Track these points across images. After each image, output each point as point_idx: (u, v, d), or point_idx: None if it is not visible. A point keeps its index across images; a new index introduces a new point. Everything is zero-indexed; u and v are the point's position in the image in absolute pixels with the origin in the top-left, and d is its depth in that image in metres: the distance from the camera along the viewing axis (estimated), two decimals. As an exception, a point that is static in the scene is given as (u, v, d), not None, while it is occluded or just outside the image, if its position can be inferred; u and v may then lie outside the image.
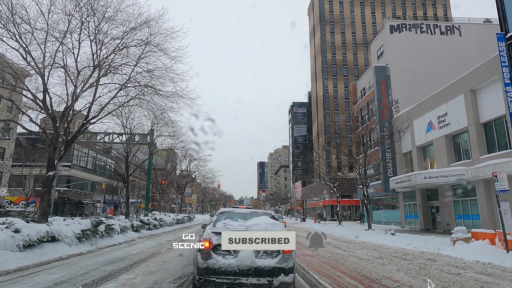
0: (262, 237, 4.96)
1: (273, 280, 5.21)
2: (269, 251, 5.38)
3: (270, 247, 4.96)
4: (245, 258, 5.18)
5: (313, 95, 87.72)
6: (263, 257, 5.37)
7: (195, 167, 42.33)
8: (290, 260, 5.44)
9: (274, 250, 5.37)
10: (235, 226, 5.81)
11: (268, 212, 7.36)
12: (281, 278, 5.23)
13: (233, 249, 5.22)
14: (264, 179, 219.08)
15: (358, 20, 79.33)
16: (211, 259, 5.28)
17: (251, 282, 5.17)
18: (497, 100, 20.29)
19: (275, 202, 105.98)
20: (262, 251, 5.37)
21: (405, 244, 16.00)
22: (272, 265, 5.27)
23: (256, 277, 5.18)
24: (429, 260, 11.00)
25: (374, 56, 41.06)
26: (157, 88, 14.53)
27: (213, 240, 5.40)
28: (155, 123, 22.03)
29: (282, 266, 5.29)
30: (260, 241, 4.93)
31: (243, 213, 7.02)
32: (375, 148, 31.68)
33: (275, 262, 5.32)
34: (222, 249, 5.18)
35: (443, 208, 25.32)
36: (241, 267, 5.17)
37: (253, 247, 4.93)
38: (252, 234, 4.96)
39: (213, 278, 5.21)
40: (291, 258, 5.49)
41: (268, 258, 5.37)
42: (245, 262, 5.18)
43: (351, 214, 56.14)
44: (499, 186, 12.56)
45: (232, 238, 4.88)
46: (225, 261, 5.25)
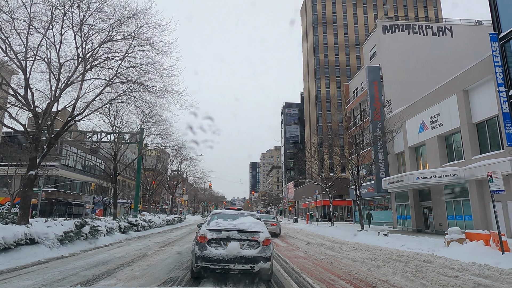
0: (246, 233, 6.92)
1: (254, 266, 6.63)
2: (251, 243, 6.84)
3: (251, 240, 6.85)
4: (233, 249, 6.58)
5: (306, 95, 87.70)
6: (247, 248, 6.78)
7: (186, 167, 41.78)
8: (268, 251, 6.87)
9: (255, 243, 6.86)
10: (225, 224, 7.20)
11: (252, 213, 8.74)
12: (260, 265, 6.65)
13: (223, 241, 6.77)
14: (257, 179, 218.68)
15: (351, 21, 79.56)
16: (206, 250, 6.66)
17: (237, 268, 6.62)
18: (490, 101, 20.24)
19: (267, 202, 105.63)
20: (246, 244, 6.81)
21: (399, 245, 15.79)
22: (253, 255, 6.67)
23: (241, 264, 6.58)
24: (425, 262, 10.73)
25: (367, 57, 41.02)
26: (145, 84, 14.02)
27: (208, 235, 6.83)
28: (144, 121, 21.48)
29: (262, 255, 6.72)
30: (244, 236, 6.86)
31: (232, 214, 8.30)
32: (367, 148, 31.56)
33: (256, 252, 6.73)
34: (213, 242, 6.77)
35: (435, 208, 25.25)
36: (229, 256, 6.53)
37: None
38: (239, 231, 6.92)
39: (207, 264, 6.58)
40: (269, 249, 6.93)
41: (251, 249, 6.77)
42: (233, 252, 6.54)
43: (343, 215, 56.07)
44: (494, 186, 12.37)
45: (221, 234, 6.86)
46: (217, 251, 6.63)
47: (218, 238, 6.80)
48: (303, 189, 66.90)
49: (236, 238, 6.78)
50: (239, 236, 6.81)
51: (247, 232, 6.91)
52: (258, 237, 6.87)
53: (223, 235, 6.82)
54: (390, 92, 33.71)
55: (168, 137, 25.17)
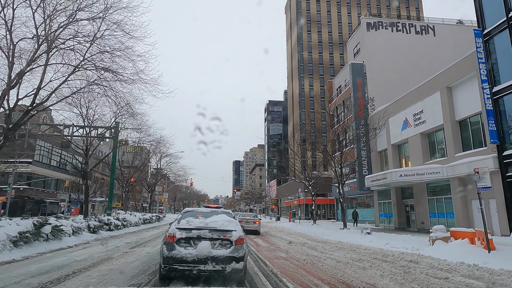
0: (218, 232, 6.49)
1: (226, 266, 6.17)
2: (223, 242, 6.40)
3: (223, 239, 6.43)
4: (203, 249, 6.17)
5: (289, 93, 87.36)
6: (218, 248, 6.34)
7: (166, 164, 40.34)
8: (241, 251, 6.42)
9: (227, 242, 6.41)
10: (196, 223, 6.75)
11: (226, 211, 8.19)
12: (232, 265, 6.19)
13: (193, 241, 6.34)
14: (240, 178, 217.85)
15: (335, 20, 79.63)
16: (174, 250, 6.22)
17: (208, 268, 6.15)
18: (473, 98, 20.10)
19: (250, 201, 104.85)
20: (217, 243, 6.38)
21: (382, 244, 15.34)
22: (225, 255, 6.24)
23: (212, 265, 6.14)
24: (411, 262, 10.19)
25: (351, 54, 40.77)
26: (117, 72, 12.91)
27: (177, 235, 6.38)
28: (118, 115, 20.22)
29: (234, 255, 6.27)
30: (216, 235, 6.44)
31: (205, 211, 7.85)
32: (351, 146, 31.25)
33: (228, 252, 6.30)
34: (183, 241, 6.33)
35: (417, 206, 25.11)
36: (199, 256, 6.12)
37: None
38: (210, 229, 6.50)
39: (176, 266, 6.14)
40: (242, 248, 6.47)
41: (223, 249, 6.35)
42: (203, 252, 6.14)
43: (325, 213, 55.97)
44: (481, 183, 12.00)
45: (191, 233, 6.41)
46: (186, 252, 6.20)
47: (188, 237, 6.40)
48: (286, 187, 66.48)
49: (207, 237, 6.39)
50: (211, 235, 6.42)
51: (219, 231, 6.52)
52: (231, 236, 6.48)
53: (193, 234, 6.41)
54: (373, 89, 33.50)
55: (145, 132, 23.94)
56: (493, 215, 18.55)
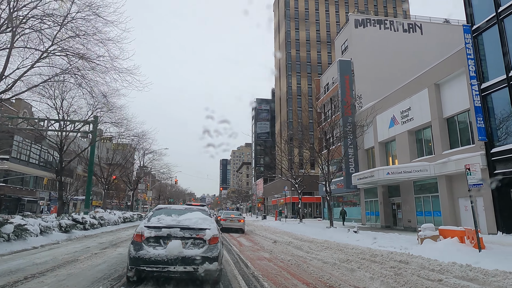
0: (190, 230, 6.09)
1: (198, 268, 5.77)
2: (195, 242, 6.02)
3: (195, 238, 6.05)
4: (173, 249, 5.75)
5: (277, 91, 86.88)
6: (190, 247, 5.96)
7: (149, 161, 39.08)
8: (215, 250, 6.02)
9: (200, 241, 6.02)
10: (167, 220, 6.30)
11: (202, 209, 7.75)
12: (205, 266, 5.79)
13: (163, 240, 5.93)
14: (227, 177, 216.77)
15: (323, 18, 79.46)
16: (142, 250, 5.82)
17: (178, 270, 5.75)
18: (461, 95, 19.86)
19: (237, 199, 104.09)
20: (189, 242, 6.00)
21: (370, 242, 14.88)
22: (198, 255, 5.85)
23: (182, 266, 5.74)
24: (401, 262, 9.65)
25: (338, 51, 40.43)
26: (90, 59, 11.95)
27: (145, 233, 5.98)
28: (96, 108, 19.14)
29: (207, 256, 5.88)
30: (188, 233, 6.04)
31: (178, 209, 7.45)
32: (338, 144, 30.86)
33: (200, 252, 5.91)
34: (152, 240, 5.93)
35: (404, 204, 24.84)
36: (169, 257, 5.72)
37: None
38: (182, 228, 6.09)
39: (144, 267, 5.73)
40: (216, 248, 6.07)
41: (195, 248, 5.96)
42: (173, 252, 5.74)
43: (312, 212, 55.72)
44: (472, 179, 11.59)
45: (161, 231, 6.01)
46: (155, 252, 5.79)
47: (157, 236, 6.00)
48: (273, 185, 66.01)
49: (178, 236, 6.00)
50: (182, 234, 6.03)
51: (192, 229, 6.13)
52: (204, 235, 6.08)
53: (163, 232, 6.02)
54: (361, 87, 33.15)
55: (125, 126, 22.83)
56: (480, 213, 18.30)
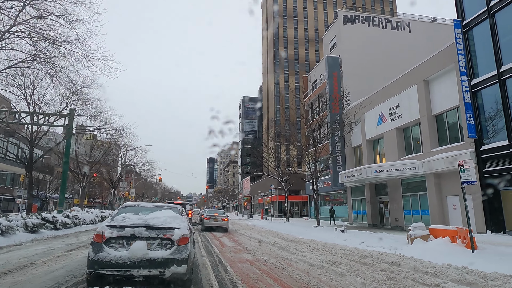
0: (157, 230, 5.60)
1: (164, 271, 5.33)
2: (162, 242, 5.56)
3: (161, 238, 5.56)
4: (137, 250, 5.28)
5: (264, 89, 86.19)
6: (157, 249, 5.50)
7: (131, 157, 37.64)
8: (184, 252, 5.59)
9: (168, 242, 5.56)
10: (133, 219, 5.84)
11: (174, 206, 7.31)
12: (173, 269, 5.35)
13: (126, 241, 5.44)
14: (214, 175, 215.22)
15: (311, 16, 79.11)
16: (102, 252, 5.36)
17: (142, 273, 5.29)
18: (450, 92, 19.50)
19: (223, 198, 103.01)
20: (155, 243, 5.53)
21: (357, 242, 14.27)
22: (164, 257, 5.39)
23: (147, 269, 5.27)
24: (393, 264, 9.00)
25: (327, 48, 39.90)
26: (57, 42, 10.88)
27: (106, 233, 5.51)
28: (70, 100, 17.93)
29: (175, 257, 5.43)
30: (154, 233, 5.54)
31: (147, 207, 6.92)
32: (325, 142, 30.34)
33: (168, 253, 5.45)
34: (114, 241, 5.45)
35: (392, 203, 24.44)
36: (132, 259, 5.25)
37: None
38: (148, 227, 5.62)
39: (103, 270, 5.26)
40: (186, 249, 5.63)
41: (162, 250, 5.50)
42: (137, 254, 5.27)
43: (298, 210, 55.28)
44: (465, 176, 11.04)
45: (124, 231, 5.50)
46: (117, 254, 5.33)
47: (120, 237, 5.49)
48: (259, 184, 65.33)
49: (143, 236, 5.49)
50: (147, 234, 5.53)
51: (158, 229, 5.64)
52: (172, 235, 5.60)
53: (127, 232, 5.51)
54: (349, 84, 32.70)
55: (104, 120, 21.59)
56: (469, 212, 17.96)
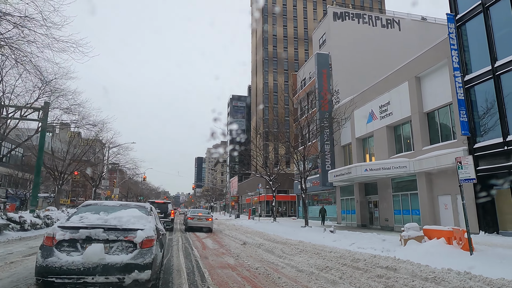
0: (117, 231, 5.03)
1: (124, 277, 4.77)
2: (123, 245, 5.02)
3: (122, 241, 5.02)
4: (93, 255, 4.73)
5: (253, 88, 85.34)
6: (116, 252, 4.94)
7: (114, 155, 36.12)
8: (148, 256, 5.03)
9: (129, 245, 5.02)
10: (91, 220, 5.32)
11: (141, 205, 6.66)
12: (134, 275, 4.79)
13: (80, 244, 4.91)
14: (202, 175, 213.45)
15: (300, 15, 78.63)
16: (52, 257, 4.77)
17: (98, 281, 4.75)
18: (442, 88, 18.98)
19: (211, 197, 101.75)
20: (115, 246, 4.99)
21: (348, 243, 13.54)
22: (124, 262, 4.83)
23: (104, 275, 4.71)
24: (388, 269, 8.22)
25: (316, 46, 39.28)
26: (14, 20, 9.72)
27: (57, 236, 4.91)
28: (42, 91, 16.67)
29: (137, 262, 4.88)
30: (113, 235, 4.97)
31: (111, 205, 6.33)
32: (314, 140, 29.65)
33: (129, 258, 4.90)
34: (66, 244, 4.90)
35: (381, 203, 23.88)
36: (87, 265, 4.69)
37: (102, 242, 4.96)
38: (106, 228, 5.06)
39: (52, 278, 4.68)
40: (150, 253, 5.07)
41: (122, 254, 4.94)
42: (92, 259, 4.71)
43: (286, 210, 54.62)
44: (463, 174, 10.38)
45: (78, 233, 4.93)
46: (69, 259, 4.75)
47: (73, 239, 4.89)
48: (247, 183, 64.46)
49: (100, 238, 4.91)
50: (106, 236, 4.94)
51: (119, 230, 5.04)
52: (134, 237, 5.02)
53: (81, 234, 4.90)
54: (339, 81, 32.06)
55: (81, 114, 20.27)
56: (460, 212, 17.45)
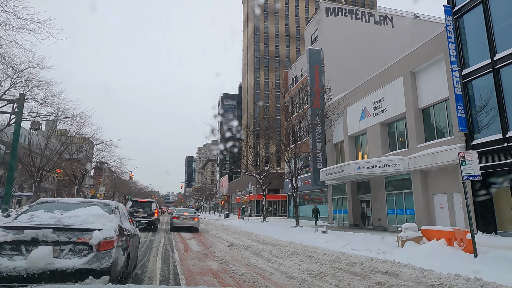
0: (69, 232, 4.46)
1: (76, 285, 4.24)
2: (76, 248, 4.40)
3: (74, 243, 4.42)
4: (38, 259, 4.12)
5: (244, 86, 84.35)
6: (68, 256, 4.33)
7: (97, 151, 34.67)
8: (106, 260, 4.43)
9: (83, 247, 4.42)
10: (43, 218, 4.69)
11: (105, 202, 6.12)
12: (88, 282, 4.23)
13: (25, 247, 4.28)
14: (192, 174, 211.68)
15: (292, 13, 77.94)
16: None
17: None
18: (439, 83, 18.33)
19: (201, 197, 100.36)
20: (66, 249, 4.37)
21: (341, 245, 12.72)
22: (77, 266, 4.23)
23: (51, 283, 4.12)
24: (389, 275, 7.37)
25: (308, 42, 38.50)
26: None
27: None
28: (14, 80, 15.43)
29: (92, 267, 4.28)
30: (64, 236, 4.40)
31: (70, 203, 5.64)
32: (305, 138, 28.84)
33: (82, 262, 4.30)
34: (8, 247, 4.27)
35: (374, 202, 23.18)
36: (31, 271, 4.09)
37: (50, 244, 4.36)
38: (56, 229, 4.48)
39: None
40: (108, 256, 4.48)
41: (75, 258, 4.34)
42: (37, 263, 4.11)
43: (277, 210, 53.81)
44: (467, 170, 9.60)
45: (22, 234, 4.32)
46: (10, 264, 4.12)
47: (17, 241, 4.27)
48: (238, 183, 63.50)
49: (49, 240, 4.30)
50: (55, 237, 4.33)
51: (72, 230, 4.45)
52: (90, 238, 4.43)
53: (26, 235, 4.28)
54: (331, 78, 31.23)
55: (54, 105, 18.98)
56: (457, 211, 16.86)
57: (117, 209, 5.97)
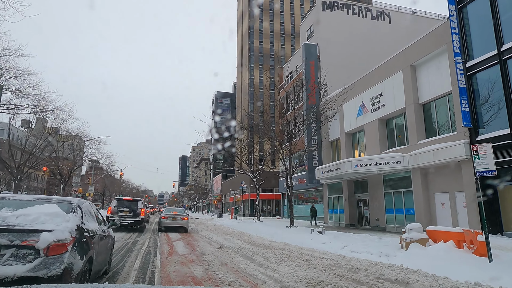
0: (12, 234, 3.84)
1: None
2: (20, 252, 3.82)
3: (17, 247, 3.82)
4: None
5: (238, 84, 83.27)
6: (9, 262, 3.75)
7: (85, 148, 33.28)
8: (57, 265, 3.86)
9: (29, 252, 3.84)
10: None
11: (65, 200, 5.23)
12: None
13: None
14: (186, 174, 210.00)
15: (287, 10, 77.05)
16: None
17: None
18: (441, 77, 17.51)
19: (194, 196, 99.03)
20: (8, 253, 3.81)
21: (339, 246, 11.86)
22: (18, 274, 3.67)
23: None
24: (398, 282, 6.43)
25: (304, 38, 37.57)
26: None
27: None
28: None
29: (38, 275, 3.72)
30: (6, 239, 3.81)
31: (23, 200, 4.97)
32: (301, 136, 27.90)
33: (26, 269, 3.73)
34: None
35: (372, 201, 22.33)
36: None
37: None
38: None
39: None
40: (59, 262, 3.90)
41: (17, 264, 3.76)
42: None
43: (271, 209, 52.87)
44: (481, 165, 8.73)
45: None
46: None
47: None
48: (231, 182, 62.45)
49: None
50: None
51: (15, 232, 3.79)
52: (37, 241, 3.77)
53: None
54: (327, 73, 30.39)
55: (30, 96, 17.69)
56: (460, 211, 16.03)
57: (79, 207, 5.15)
